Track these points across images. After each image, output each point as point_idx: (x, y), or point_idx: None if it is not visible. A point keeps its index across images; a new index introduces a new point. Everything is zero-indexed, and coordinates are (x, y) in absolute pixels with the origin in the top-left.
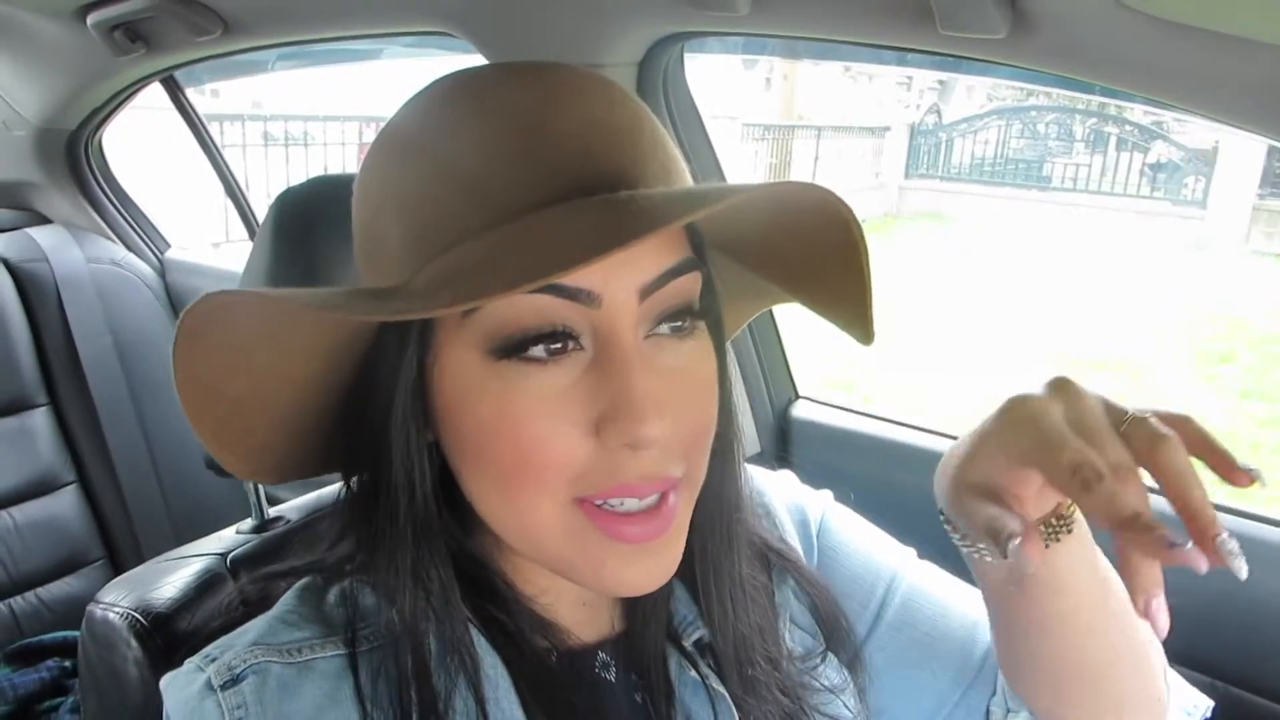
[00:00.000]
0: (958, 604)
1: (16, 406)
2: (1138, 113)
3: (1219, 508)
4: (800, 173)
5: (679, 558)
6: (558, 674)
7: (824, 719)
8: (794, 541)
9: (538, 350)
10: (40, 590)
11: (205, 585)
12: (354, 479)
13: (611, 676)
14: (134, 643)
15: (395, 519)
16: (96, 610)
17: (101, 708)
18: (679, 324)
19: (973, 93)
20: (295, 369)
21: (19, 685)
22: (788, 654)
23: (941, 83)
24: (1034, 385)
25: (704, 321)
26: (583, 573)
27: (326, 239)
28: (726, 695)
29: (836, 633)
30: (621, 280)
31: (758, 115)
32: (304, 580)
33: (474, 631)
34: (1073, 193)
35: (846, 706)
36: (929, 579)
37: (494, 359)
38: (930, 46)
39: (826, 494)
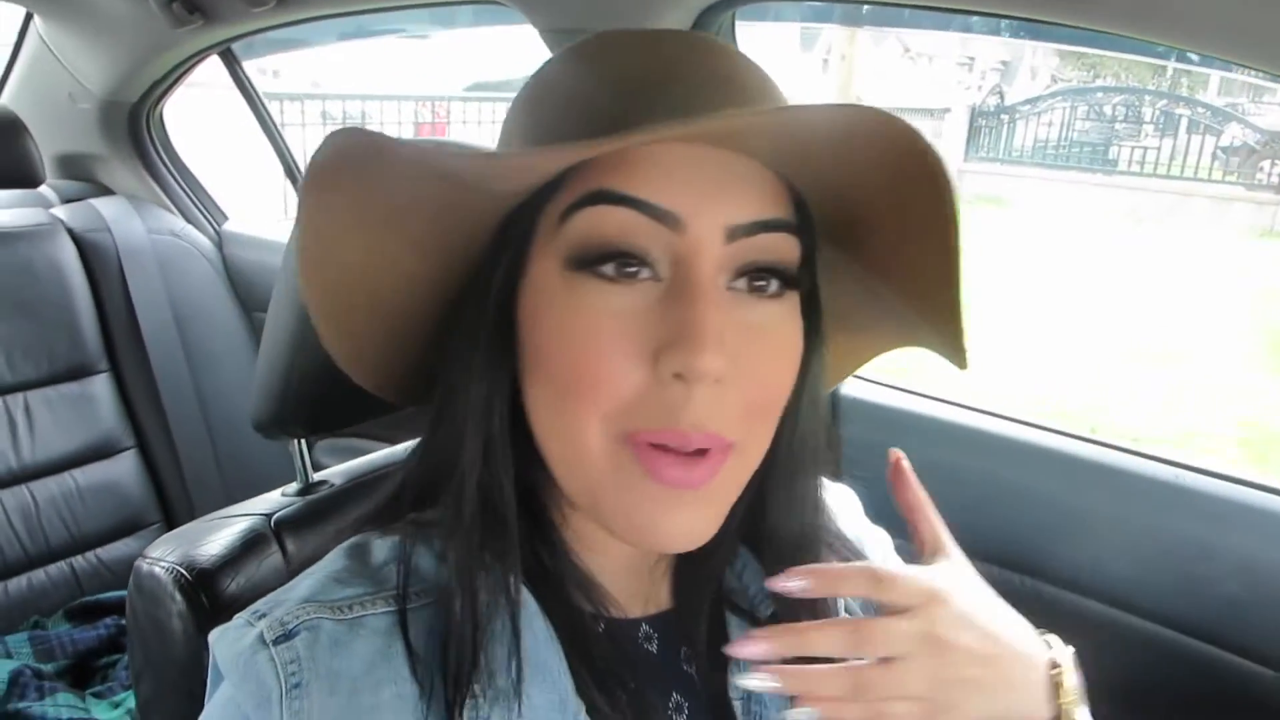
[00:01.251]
0: None
1: (79, 373)
2: (1211, 94)
3: (1220, 475)
4: None
5: (717, 522)
6: (605, 642)
7: None
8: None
9: (609, 268)
10: (100, 550)
11: (249, 544)
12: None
13: (654, 648)
14: (178, 596)
15: (462, 439)
16: (144, 565)
17: (147, 659)
18: (762, 283)
19: (1036, 75)
20: (406, 257)
21: (79, 641)
22: None
23: (1005, 64)
24: None
25: (795, 292)
26: (617, 512)
27: None
28: None
29: None
30: (711, 212)
31: (815, 96)
32: (353, 538)
33: (525, 594)
34: (1140, 176)
35: None
36: None
37: (570, 270)
38: (994, 6)
39: (886, 538)
